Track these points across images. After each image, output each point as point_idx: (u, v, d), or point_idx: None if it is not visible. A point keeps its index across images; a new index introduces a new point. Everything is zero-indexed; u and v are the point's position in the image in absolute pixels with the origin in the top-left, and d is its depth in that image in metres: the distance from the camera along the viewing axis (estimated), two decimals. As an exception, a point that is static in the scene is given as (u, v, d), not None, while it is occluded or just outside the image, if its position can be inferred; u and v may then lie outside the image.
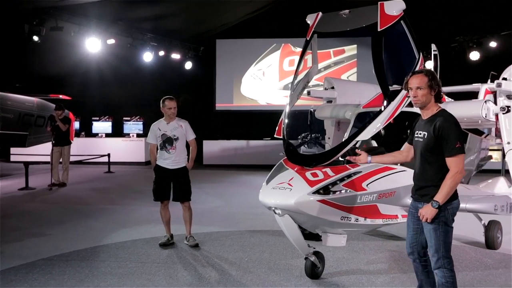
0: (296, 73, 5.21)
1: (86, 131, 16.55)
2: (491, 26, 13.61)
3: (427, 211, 3.33)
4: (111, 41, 13.07)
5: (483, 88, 6.22)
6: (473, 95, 6.60)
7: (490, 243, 5.81)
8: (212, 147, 15.55)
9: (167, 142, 5.77)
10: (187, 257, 5.40)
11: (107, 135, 16.33)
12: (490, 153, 8.15)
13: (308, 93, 6.56)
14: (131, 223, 7.10)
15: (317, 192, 4.14)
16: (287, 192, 4.14)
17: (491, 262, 5.31)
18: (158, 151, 5.84)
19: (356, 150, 4.01)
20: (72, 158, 13.15)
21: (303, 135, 13.15)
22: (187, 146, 5.96)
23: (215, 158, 15.43)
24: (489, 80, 6.63)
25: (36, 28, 11.11)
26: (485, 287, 4.60)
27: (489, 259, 5.44)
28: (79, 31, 12.22)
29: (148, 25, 13.92)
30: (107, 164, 13.89)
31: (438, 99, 3.46)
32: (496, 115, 5.46)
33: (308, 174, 4.32)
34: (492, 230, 5.81)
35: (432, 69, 7.15)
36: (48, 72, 13.50)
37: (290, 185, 4.21)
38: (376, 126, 4.44)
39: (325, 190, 4.18)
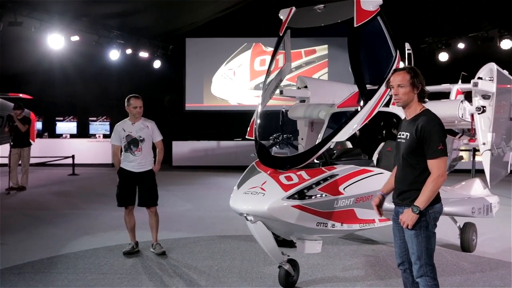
0: (269, 71, 4.97)
1: (50, 131, 15.88)
2: (459, 27, 13.79)
3: (408, 217, 3.13)
4: (75, 38, 12.50)
5: (454, 88, 6.16)
6: (443, 95, 6.54)
7: (466, 245, 5.72)
8: (182, 148, 15.20)
9: (132, 143, 5.41)
10: (153, 267, 5.06)
11: (72, 136, 15.73)
12: (460, 153, 8.14)
13: (281, 92, 6.32)
14: (94, 229, 6.68)
15: (291, 197, 3.90)
16: (259, 197, 3.88)
17: (467, 266, 5.20)
18: (123, 153, 5.48)
19: (373, 203, 3.54)
20: (34, 160, 12.55)
21: (274, 135, 12.93)
22: (154, 148, 5.63)
23: (185, 159, 15.09)
24: (459, 81, 6.58)
25: (-8, 22, 10.47)
26: (463, 292, 4.47)
27: (466, 262, 5.33)
28: (40, 26, 11.59)
29: (114, 22, 13.39)
30: (71, 166, 13.28)
31: (422, 98, 3.26)
32: (472, 115, 5.37)
33: (282, 177, 4.08)
34: (467, 233, 5.72)
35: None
36: (6, 69, 12.78)
37: (263, 189, 3.95)
38: (353, 126, 4.24)
39: (300, 194, 3.95)
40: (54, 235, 6.38)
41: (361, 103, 4.29)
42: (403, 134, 3.29)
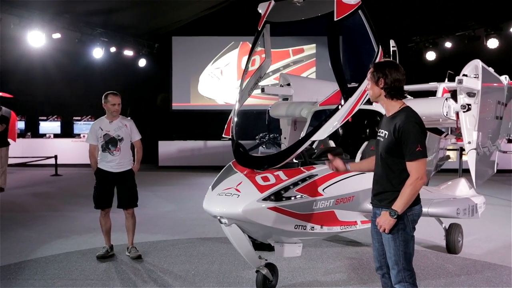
0: (246, 68, 4.78)
1: (33, 131, 15.55)
2: (447, 26, 13.75)
3: (385, 221, 2.96)
4: (57, 36, 12.18)
5: (440, 87, 6.03)
6: (430, 94, 6.42)
7: (451, 247, 5.57)
8: (169, 148, 14.98)
9: (111, 143, 5.19)
10: (127, 271, 4.84)
11: (56, 136, 15.42)
12: (447, 153, 8.03)
13: (262, 90, 6.14)
14: (69, 232, 6.44)
15: (267, 198, 3.71)
16: (234, 199, 3.68)
17: (452, 268, 5.05)
18: (100, 153, 5.26)
19: (329, 156, 3.48)
20: (15, 161, 12.26)
21: (261, 135, 12.72)
22: (132, 147, 5.42)
23: (172, 159, 14.86)
24: (446, 79, 6.45)
25: (-31, 19, 10.19)
26: (447, 296, 4.31)
27: (451, 264, 5.18)
28: (20, 23, 11.28)
29: (97, 19, 13.11)
30: (54, 166, 12.98)
31: (392, 94, 3.05)
32: (457, 114, 5.23)
33: (258, 178, 3.89)
34: (453, 234, 5.58)
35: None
36: (-15, 67, 12.51)
37: (238, 190, 3.76)
38: (333, 124, 4.07)
39: (277, 196, 3.75)
40: (27, 238, 6.13)
41: (342, 100, 4.12)
42: (382, 132, 3.11)
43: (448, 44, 13.72)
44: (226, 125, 4.80)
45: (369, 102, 4.46)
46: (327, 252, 5.56)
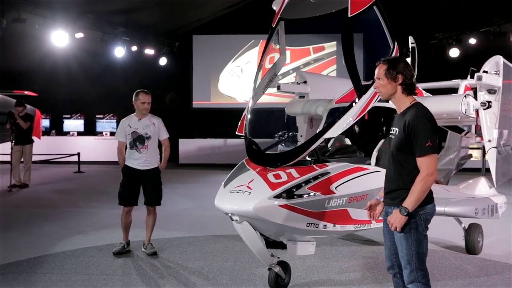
0: (260, 65, 4.76)
1: (57, 129, 15.89)
2: (470, 23, 13.40)
3: (396, 219, 2.90)
4: (80, 35, 12.43)
5: (462, 84, 5.89)
6: (453, 91, 6.27)
7: (471, 248, 5.45)
8: (189, 146, 15.09)
9: (138, 140, 5.21)
10: (141, 267, 4.89)
11: (79, 134, 15.72)
12: (470, 151, 7.85)
13: (278, 87, 6.11)
14: (88, 228, 6.55)
15: (279, 196, 3.69)
16: (245, 196, 3.68)
17: (471, 269, 4.94)
18: (128, 150, 5.27)
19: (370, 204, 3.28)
20: (39, 158, 12.56)
21: (279, 133, 12.69)
22: (159, 145, 5.42)
23: (192, 157, 14.97)
24: (469, 76, 6.30)
25: (-4, 19, 10.45)
26: (465, 298, 4.22)
27: (470, 265, 5.07)
28: (44, 23, 11.53)
29: (119, 18, 13.30)
30: (77, 163, 13.24)
31: (408, 90, 3.01)
32: (477, 111, 5.10)
33: (270, 175, 3.87)
34: (472, 234, 5.45)
35: (409, 63, 6.81)
36: (10, 67, 12.81)
37: (249, 188, 3.76)
38: (346, 122, 4.01)
39: (289, 193, 3.73)
40: (46, 233, 6.27)
41: (356, 98, 4.07)
42: (393, 130, 3.07)
43: (472, 41, 13.36)
44: (240, 123, 4.79)
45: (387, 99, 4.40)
46: (343, 251, 5.51)
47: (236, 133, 4.79)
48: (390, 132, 3.13)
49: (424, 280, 2.97)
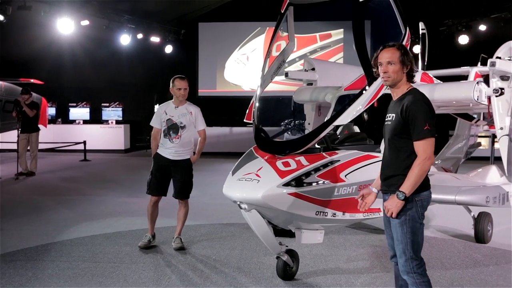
0: (269, 52, 4.68)
1: (63, 117, 15.90)
2: (480, 9, 13.19)
3: (392, 204, 2.86)
4: (85, 23, 12.41)
5: (473, 71, 5.78)
6: (462, 78, 6.16)
7: (480, 236, 5.40)
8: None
9: (172, 129, 5.01)
10: (147, 256, 4.86)
11: (85, 122, 15.71)
12: (478, 140, 7.75)
13: (286, 74, 6.02)
14: (94, 216, 6.56)
15: (288, 184, 3.64)
16: (254, 184, 3.64)
17: (481, 258, 4.89)
18: (161, 138, 5.10)
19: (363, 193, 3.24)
20: (45, 146, 12.58)
21: (286, 121, 12.57)
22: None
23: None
24: (479, 63, 6.18)
25: (2, 6, 10.41)
26: (474, 287, 4.17)
27: (479, 254, 5.02)
28: (50, 11, 11.50)
29: (124, 6, 13.22)
30: (83, 152, 13.26)
31: (410, 78, 2.99)
32: (489, 98, 5.00)
33: (279, 163, 3.82)
34: (482, 223, 5.40)
35: (420, 49, 6.69)
36: (16, 54, 12.79)
37: (258, 176, 3.70)
38: (356, 109, 3.94)
39: (298, 181, 3.68)
40: (54, 220, 6.28)
41: (366, 85, 3.99)
42: (389, 116, 3.02)
43: (482, 27, 13.17)
44: (248, 110, 4.73)
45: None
46: (350, 239, 5.48)
47: (244, 120, 4.73)
48: (386, 119, 3.08)
49: (419, 270, 2.90)
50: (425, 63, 6.58)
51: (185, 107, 5.12)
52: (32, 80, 12.49)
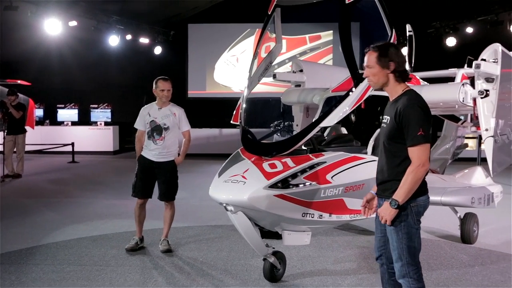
0: (256, 53, 4.68)
1: (51, 119, 15.73)
2: (467, 11, 13.32)
3: (386, 211, 2.80)
4: (73, 23, 12.28)
5: (459, 73, 5.82)
6: (449, 80, 6.21)
7: (466, 237, 5.44)
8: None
9: (156, 130, 4.97)
10: (134, 258, 4.83)
11: (74, 123, 15.55)
12: (466, 141, 7.82)
13: (274, 76, 6.02)
14: (81, 218, 6.49)
15: (274, 185, 3.64)
16: (240, 186, 3.63)
17: (466, 259, 4.93)
18: (145, 139, 5.05)
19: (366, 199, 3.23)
20: (33, 148, 12.44)
21: (275, 123, 12.57)
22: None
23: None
24: (465, 65, 6.24)
25: (-13, 7, 10.30)
26: (460, 287, 4.20)
27: (465, 255, 5.06)
28: (37, 11, 11.36)
29: (113, 6, 13.13)
30: (71, 153, 13.14)
31: (401, 77, 2.88)
32: (474, 100, 5.05)
33: (265, 165, 3.82)
34: (468, 223, 5.44)
35: (407, 51, 6.73)
36: (2, 55, 12.60)
37: (244, 177, 3.70)
38: (343, 110, 3.96)
39: (284, 183, 3.68)
40: (40, 224, 6.20)
41: (352, 86, 4.01)
42: (385, 118, 2.94)
43: (469, 30, 13.29)
44: (234, 111, 4.72)
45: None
46: (338, 240, 5.49)
47: (231, 121, 4.72)
48: (382, 120, 3.04)
49: (415, 276, 2.85)
50: (412, 65, 6.62)
51: (168, 108, 5.09)
52: (19, 81, 12.38)
